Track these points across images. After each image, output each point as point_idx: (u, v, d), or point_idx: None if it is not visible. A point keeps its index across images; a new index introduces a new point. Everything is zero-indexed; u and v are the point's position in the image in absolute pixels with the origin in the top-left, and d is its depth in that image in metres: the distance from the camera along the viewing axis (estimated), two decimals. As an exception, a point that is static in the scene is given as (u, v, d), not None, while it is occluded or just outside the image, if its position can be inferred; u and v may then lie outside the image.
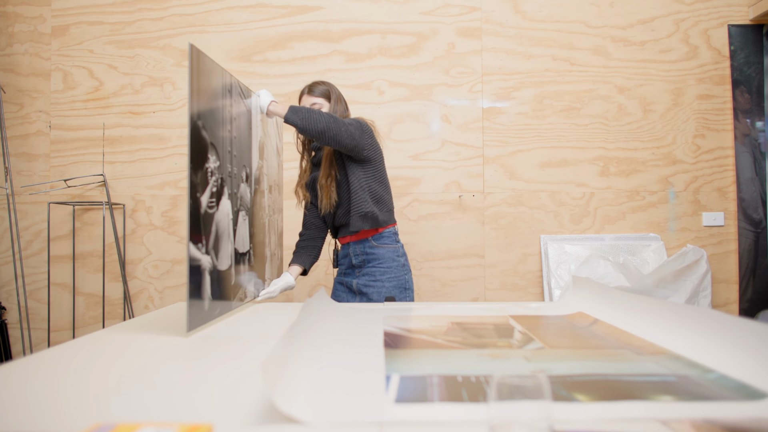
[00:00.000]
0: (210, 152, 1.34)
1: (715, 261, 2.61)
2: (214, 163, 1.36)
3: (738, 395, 0.70)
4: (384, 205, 1.75)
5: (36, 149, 2.65)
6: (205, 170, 1.32)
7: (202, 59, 1.31)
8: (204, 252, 1.31)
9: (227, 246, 1.44)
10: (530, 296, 2.63)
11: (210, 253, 1.33)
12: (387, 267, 1.73)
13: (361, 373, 0.81)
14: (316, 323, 1.05)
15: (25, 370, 0.84)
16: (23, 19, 2.65)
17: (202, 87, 1.31)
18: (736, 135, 2.62)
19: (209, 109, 1.34)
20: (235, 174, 1.51)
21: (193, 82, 1.24)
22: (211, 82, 1.36)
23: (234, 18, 2.64)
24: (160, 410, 0.67)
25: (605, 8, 2.65)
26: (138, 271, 2.63)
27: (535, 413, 0.53)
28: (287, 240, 2.29)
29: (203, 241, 1.31)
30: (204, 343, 1.05)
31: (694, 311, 1.00)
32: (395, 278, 1.73)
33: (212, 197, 1.36)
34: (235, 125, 1.50)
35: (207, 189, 1.32)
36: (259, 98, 1.63)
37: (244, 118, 1.58)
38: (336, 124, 1.57)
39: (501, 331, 1.13)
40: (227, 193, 1.44)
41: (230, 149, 1.47)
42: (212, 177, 1.36)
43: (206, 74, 1.33)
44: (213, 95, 1.37)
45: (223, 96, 1.42)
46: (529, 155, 2.65)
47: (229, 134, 1.46)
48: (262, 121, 1.76)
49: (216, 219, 1.37)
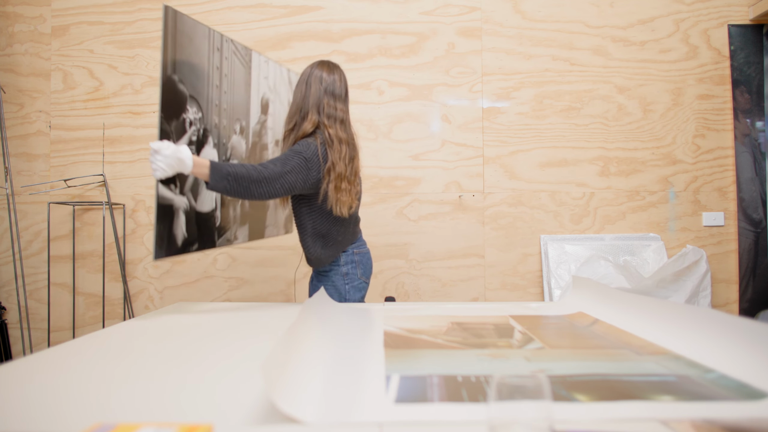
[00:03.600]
0: (189, 104, 1.45)
1: (715, 261, 2.61)
2: (194, 114, 1.46)
3: (738, 395, 0.70)
4: (330, 239, 1.61)
5: (36, 149, 2.65)
6: (182, 120, 1.42)
7: (180, 20, 1.43)
8: (178, 193, 1.41)
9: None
10: (530, 296, 2.63)
11: (186, 195, 1.42)
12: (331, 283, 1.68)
13: (361, 373, 0.81)
14: (316, 323, 1.05)
15: (25, 370, 0.84)
16: (23, 19, 2.65)
17: (180, 44, 1.42)
18: (736, 135, 2.62)
19: (188, 64, 1.45)
20: (225, 126, 1.60)
21: (168, 40, 1.36)
22: (193, 41, 1.46)
23: (234, 18, 2.64)
24: (160, 410, 0.67)
25: (605, 8, 2.65)
26: (138, 271, 2.63)
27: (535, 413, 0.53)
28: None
29: (177, 183, 1.43)
30: (204, 343, 1.05)
31: (694, 311, 1.00)
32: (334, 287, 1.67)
33: (191, 145, 1.46)
34: (227, 81, 1.59)
35: (184, 137, 1.43)
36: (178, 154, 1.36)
37: (240, 75, 1.66)
38: (268, 185, 1.41)
39: (501, 331, 1.13)
40: (212, 143, 1.54)
41: (218, 103, 1.56)
42: (191, 127, 1.46)
43: (186, 34, 1.45)
44: (194, 52, 1.47)
45: (211, 53, 1.51)
46: (529, 155, 2.65)
47: (218, 89, 1.55)
48: (268, 78, 1.83)
49: None
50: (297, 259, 2.62)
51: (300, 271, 2.61)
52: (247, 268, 2.62)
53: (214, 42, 1.54)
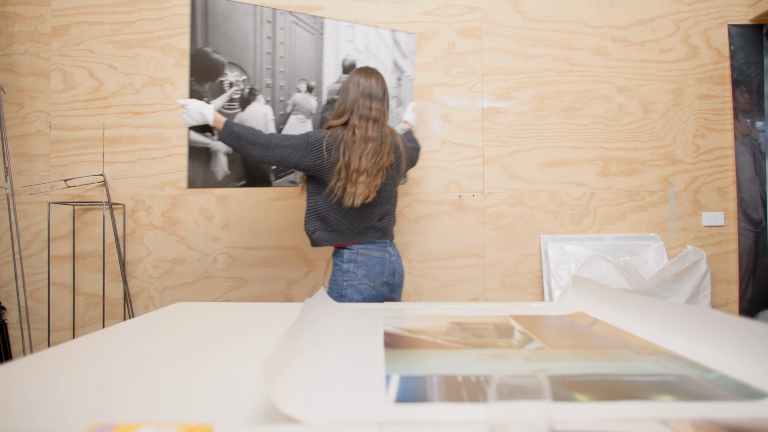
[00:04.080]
0: (229, 69, 1.87)
1: (715, 261, 2.61)
2: (236, 77, 1.88)
3: (738, 395, 0.70)
4: (329, 224, 1.75)
5: (36, 149, 2.65)
6: (219, 82, 1.85)
7: (211, 3, 1.81)
8: (216, 140, 1.85)
9: None
10: (530, 296, 2.63)
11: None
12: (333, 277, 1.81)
13: (361, 372, 0.81)
14: (316, 323, 1.05)
15: (25, 370, 0.84)
16: (23, 19, 2.65)
17: (213, 23, 1.81)
18: (736, 135, 2.62)
19: (226, 36, 1.84)
20: (282, 86, 1.97)
21: (196, 20, 1.77)
22: (231, 18, 1.85)
23: (234, 18, 2.64)
24: (160, 410, 0.67)
25: (605, 8, 2.65)
26: (138, 271, 2.63)
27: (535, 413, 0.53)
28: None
29: (214, 132, 1.85)
30: (204, 343, 1.05)
31: (694, 311, 1.00)
32: (335, 281, 1.78)
33: (231, 101, 1.88)
34: (284, 47, 1.94)
35: (223, 96, 1.87)
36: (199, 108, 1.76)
37: (305, 41, 1.99)
38: (264, 151, 1.69)
39: (501, 331, 1.13)
40: (262, 100, 1.95)
41: (270, 67, 1.94)
42: (232, 87, 1.88)
43: (219, 14, 1.83)
44: (233, 27, 1.85)
45: (258, 26, 1.90)
46: (529, 155, 2.65)
47: (269, 55, 1.93)
48: (354, 41, 2.10)
49: (240, 118, 1.91)
50: (297, 259, 2.62)
51: (300, 271, 2.62)
52: (247, 268, 2.62)
53: (263, 16, 1.91)
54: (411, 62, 2.27)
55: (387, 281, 1.80)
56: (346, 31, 2.09)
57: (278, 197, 2.63)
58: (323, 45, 2.03)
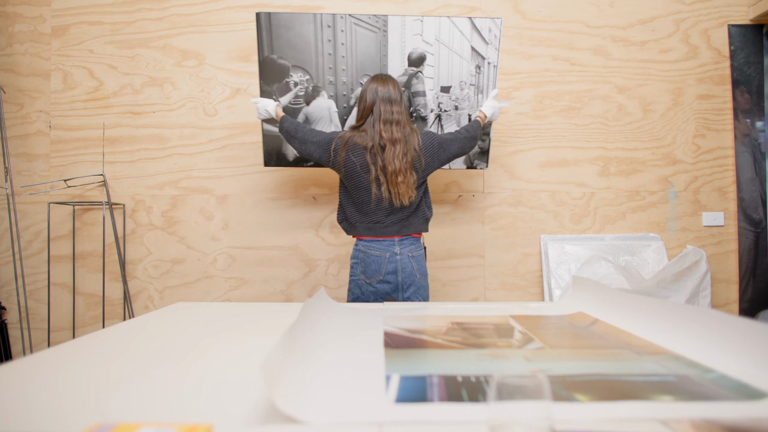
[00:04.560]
0: (293, 71, 2.17)
1: (715, 261, 2.61)
2: (300, 77, 2.18)
3: (738, 395, 0.70)
4: (348, 215, 1.91)
5: (36, 149, 2.65)
6: (285, 83, 2.19)
7: (274, 17, 2.12)
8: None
9: (328, 127, 2.22)
10: (530, 296, 2.63)
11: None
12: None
13: (361, 373, 0.81)
14: (316, 323, 1.06)
15: (25, 370, 0.84)
16: (23, 19, 2.65)
17: (277, 34, 2.13)
18: (736, 135, 2.62)
19: (289, 44, 2.14)
20: (345, 82, 2.20)
21: (262, 34, 2.11)
22: (292, 28, 2.13)
23: (234, 18, 2.64)
24: (160, 410, 0.67)
25: (605, 8, 2.65)
26: (138, 271, 2.63)
27: (535, 413, 0.53)
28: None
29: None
30: (204, 343, 1.05)
31: (694, 311, 1.00)
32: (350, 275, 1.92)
33: (297, 98, 2.20)
34: (345, 48, 2.16)
35: (289, 94, 2.19)
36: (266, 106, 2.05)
37: (367, 39, 2.17)
38: (300, 145, 1.92)
39: (501, 331, 1.13)
40: (325, 96, 2.20)
41: (332, 66, 2.18)
42: (296, 86, 2.19)
43: (282, 26, 2.13)
44: (295, 35, 2.14)
45: (319, 31, 2.14)
46: (529, 155, 2.65)
47: (331, 56, 2.18)
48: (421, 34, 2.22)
49: (305, 111, 2.22)
50: (297, 259, 2.62)
51: (300, 271, 2.62)
52: (247, 268, 2.62)
53: (323, 21, 2.14)
54: (495, 48, 2.26)
55: (385, 279, 1.82)
56: (413, 25, 2.20)
57: (278, 197, 2.63)
58: (387, 41, 2.20)
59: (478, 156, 2.43)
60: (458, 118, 2.33)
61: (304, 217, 2.64)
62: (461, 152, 1.99)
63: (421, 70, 2.26)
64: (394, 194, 1.80)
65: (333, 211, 2.63)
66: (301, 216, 2.64)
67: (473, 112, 2.30)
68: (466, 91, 2.29)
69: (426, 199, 1.95)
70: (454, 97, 2.29)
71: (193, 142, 2.64)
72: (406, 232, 1.87)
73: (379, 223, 1.85)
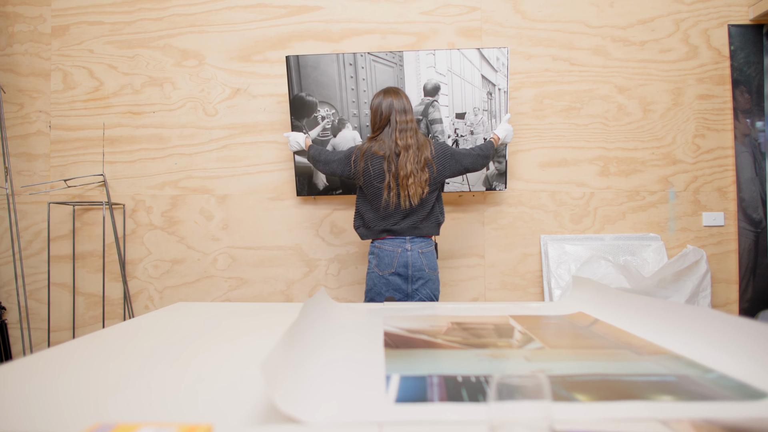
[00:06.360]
0: (320, 106, 2.42)
1: (715, 261, 2.61)
2: (327, 111, 2.42)
3: (738, 395, 0.70)
4: (365, 220, 2.06)
5: (36, 149, 2.65)
6: (314, 117, 2.43)
7: (302, 59, 2.41)
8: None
9: None
10: (530, 296, 2.63)
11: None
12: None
13: (361, 372, 0.81)
14: (316, 323, 1.05)
15: (25, 370, 0.84)
16: (23, 19, 2.65)
17: (305, 74, 2.40)
18: (736, 135, 2.62)
19: (316, 82, 2.40)
20: (367, 114, 2.38)
21: (291, 75, 2.40)
22: (318, 67, 2.40)
23: (234, 18, 2.64)
24: (160, 410, 0.67)
25: (605, 8, 2.65)
26: (138, 271, 2.63)
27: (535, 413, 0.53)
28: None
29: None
30: (204, 343, 1.05)
31: (694, 311, 1.00)
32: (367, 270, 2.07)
33: (324, 131, 2.45)
34: (366, 83, 2.39)
35: (317, 128, 2.45)
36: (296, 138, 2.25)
37: (385, 74, 2.41)
38: (324, 166, 2.10)
39: (501, 331, 1.13)
40: (350, 127, 2.44)
41: (355, 100, 2.42)
42: (324, 120, 2.43)
43: (309, 66, 2.41)
44: (321, 74, 2.40)
45: (341, 68, 2.40)
46: (529, 155, 2.65)
47: (353, 91, 2.42)
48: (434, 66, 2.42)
49: (333, 143, 2.46)
50: (297, 259, 2.62)
51: (300, 271, 2.62)
52: (247, 268, 2.62)
53: (345, 60, 2.41)
54: (503, 75, 2.43)
55: (397, 271, 1.98)
56: (426, 59, 2.43)
57: (278, 197, 2.63)
58: (404, 74, 2.43)
59: (497, 177, 2.53)
60: (474, 143, 2.45)
61: (304, 217, 2.64)
62: (473, 168, 2.10)
63: (436, 99, 2.44)
64: (403, 197, 1.94)
65: (333, 211, 2.63)
66: (301, 216, 2.64)
67: (488, 135, 2.45)
68: (479, 117, 2.43)
69: (439, 205, 2.08)
70: (468, 123, 2.46)
71: (193, 142, 2.64)
72: (418, 234, 2.01)
73: (395, 225, 2.00)
